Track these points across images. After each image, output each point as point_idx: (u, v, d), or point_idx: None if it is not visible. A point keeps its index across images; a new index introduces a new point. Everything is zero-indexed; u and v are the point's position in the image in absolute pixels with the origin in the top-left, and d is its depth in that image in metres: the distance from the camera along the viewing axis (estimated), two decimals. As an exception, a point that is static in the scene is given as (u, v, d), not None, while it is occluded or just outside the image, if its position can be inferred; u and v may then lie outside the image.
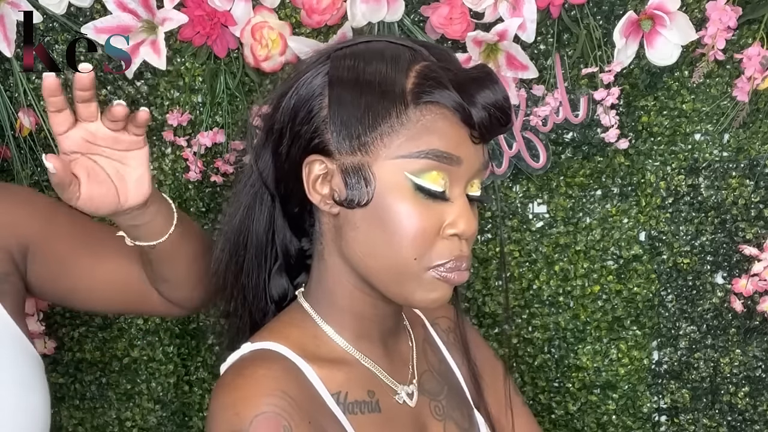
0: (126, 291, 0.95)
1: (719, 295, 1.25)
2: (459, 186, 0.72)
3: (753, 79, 1.11)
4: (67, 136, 0.75)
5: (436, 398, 0.83)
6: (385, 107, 0.70)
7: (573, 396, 1.30)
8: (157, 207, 0.83)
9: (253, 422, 0.67)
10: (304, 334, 0.77)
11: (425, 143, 0.70)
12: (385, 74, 0.71)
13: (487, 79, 0.71)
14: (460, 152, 0.71)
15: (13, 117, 1.17)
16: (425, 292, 0.73)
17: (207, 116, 1.17)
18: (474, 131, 0.71)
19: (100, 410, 1.31)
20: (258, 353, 0.74)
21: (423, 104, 0.70)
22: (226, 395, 0.70)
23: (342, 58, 0.73)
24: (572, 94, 1.17)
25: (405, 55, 0.73)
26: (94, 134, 0.75)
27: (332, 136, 0.72)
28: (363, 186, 0.71)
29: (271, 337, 0.76)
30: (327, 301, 0.78)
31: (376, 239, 0.71)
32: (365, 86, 0.71)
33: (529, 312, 1.28)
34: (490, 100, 0.70)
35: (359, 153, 0.71)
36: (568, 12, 1.12)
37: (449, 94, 0.70)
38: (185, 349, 1.29)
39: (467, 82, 0.71)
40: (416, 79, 0.71)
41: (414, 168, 0.70)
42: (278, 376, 0.70)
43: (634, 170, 1.22)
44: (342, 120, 0.71)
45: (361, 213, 0.72)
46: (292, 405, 0.69)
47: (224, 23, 1.11)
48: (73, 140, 0.75)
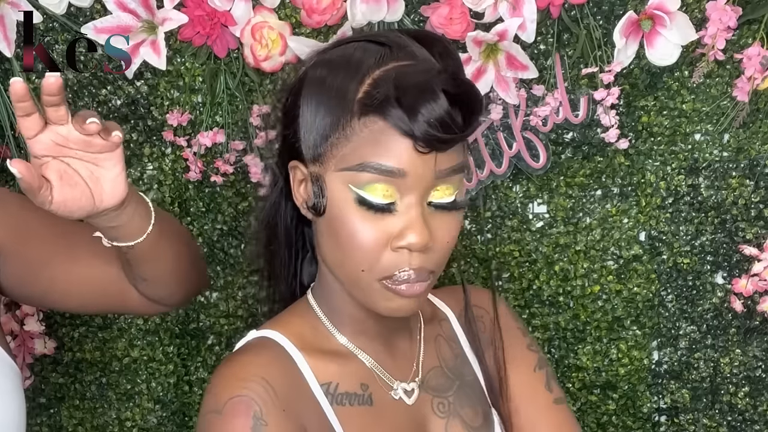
0: (103, 292, 0.93)
1: (719, 295, 1.25)
2: (412, 196, 0.70)
3: (753, 79, 1.11)
4: (38, 139, 0.73)
5: (442, 395, 0.83)
6: (336, 117, 0.70)
7: (573, 396, 1.30)
8: (134, 207, 0.81)
9: (227, 404, 0.70)
10: (304, 325, 0.79)
11: (366, 155, 0.69)
12: (341, 83, 0.71)
13: (430, 92, 0.68)
14: (403, 164, 0.69)
15: (13, 117, 1.17)
16: (384, 302, 0.73)
17: (207, 116, 1.17)
18: (418, 143, 0.69)
19: (100, 410, 1.31)
20: (257, 341, 0.78)
21: (365, 116, 0.69)
22: (213, 379, 0.74)
23: (315, 66, 0.75)
24: (572, 94, 1.17)
25: (370, 60, 0.71)
26: (66, 137, 0.73)
27: (301, 144, 0.73)
28: (320, 196, 0.72)
29: (274, 326, 0.79)
30: (326, 299, 0.80)
31: (334, 249, 0.73)
32: (324, 95, 0.72)
33: (529, 312, 1.28)
34: (435, 114, 0.67)
35: (317, 163, 0.72)
36: (568, 12, 1.12)
37: (393, 111, 0.68)
38: (185, 349, 1.29)
39: (415, 93, 0.68)
40: (368, 88, 0.70)
41: (357, 181, 0.70)
42: (263, 363, 0.73)
43: (634, 170, 1.22)
44: (305, 128, 0.73)
45: (323, 221, 0.74)
46: (268, 391, 0.71)
47: (224, 23, 1.11)
48: (44, 144, 0.73)
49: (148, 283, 0.91)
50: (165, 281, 0.91)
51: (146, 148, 1.21)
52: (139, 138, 1.21)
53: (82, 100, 1.19)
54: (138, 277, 0.90)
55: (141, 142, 1.21)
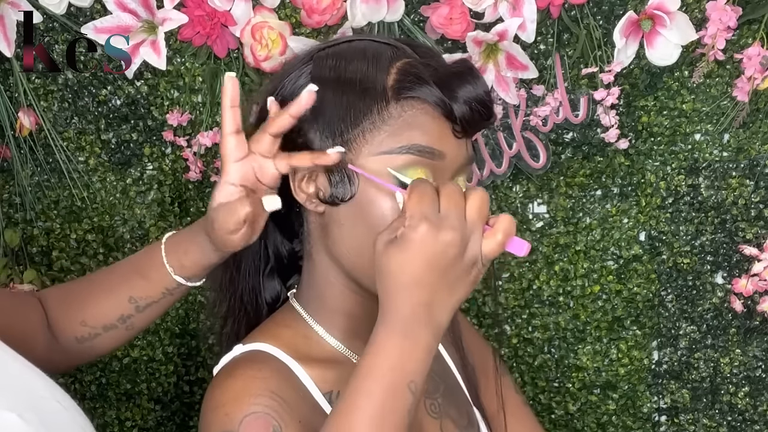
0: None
1: (719, 295, 1.25)
2: (443, 180, 0.71)
3: (753, 79, 1.11)
4: (241, 165, 0.73)
5: (431, 396, 0.83)
6: (366, 104, 0.70)
7: (573, 396, 1.31)
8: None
9: (242, 422, 0.67)
10: (296, 335, 0.77)
11: (407, 138, 0.70)
12: (366, 72, 0.71)
13: (468, 74, 0.71)
14: (443, 147, 0.71)
15: (13, 117, 1.17)
16: None
17: (207, 116, 1.17)
18: (456, 125, 0.71)
19: (100, 410, 1.31)
20: (249, 355, 0.75)
21: (404, 100, 0.70)
22: (216, 396, 0.70)
23: (324, 58, 0.74)
24: (572, 94, 1.17)
25: (386, 53, 0.73)
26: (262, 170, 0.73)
27: (316, 135, 0.72)
28: (346, 182, 0.71)
29: (262, 338, 0.76)
30: (317, 301, 0.79)
31: (361, 235, 0.72)
32: (346, 85, 0.71)
33: (529, 312, 1.28)
34: (472, 95, 0.71)
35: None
36: (568, 12, 1.12)
37: (430, 90, 0.70)
38: (185, 349, 1.29)
39: (448, 78, 0.71)
40: (397, 76, 0.71)
41: (396, 163, 0.70)
42: (268, 377, 0.71)
43: (634, 170, 1.22)
44: (325, 119, 0.72)
45: (345, 209, 0.72)
46: (282, 405, 0.69)
47: (224, 23, 1.11)
48: (244, 172, 0.73)
49: (127, 333, 0.88)
50: (135, 333, 0.89)
51: (146, 148, 1.21)
52: (139, 138, 1.21)
53: (82, 100, 1.19)
54: (131, 327, 0.87)
55: (141, 142, 1.21)
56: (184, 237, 0.83)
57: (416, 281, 0.63)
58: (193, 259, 0.82)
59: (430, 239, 0.63)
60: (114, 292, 0.86)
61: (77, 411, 0.74)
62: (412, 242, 0.63)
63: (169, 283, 0.83)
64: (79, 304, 0.87)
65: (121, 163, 1.22)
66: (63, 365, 0.90)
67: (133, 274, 0.85)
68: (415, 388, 0.63)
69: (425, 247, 0.63)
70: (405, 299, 0.63)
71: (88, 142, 1.21)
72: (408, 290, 0.63)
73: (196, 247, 0.81)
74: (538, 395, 1.31)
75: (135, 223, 1.24)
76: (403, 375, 0.62)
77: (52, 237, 1.24)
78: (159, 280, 0.84)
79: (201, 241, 0.80)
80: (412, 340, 0.63)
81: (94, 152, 1.21)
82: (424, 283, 0.63)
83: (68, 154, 1.21)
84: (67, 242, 1.25)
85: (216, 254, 0.80)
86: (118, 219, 1.24)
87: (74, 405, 0.74)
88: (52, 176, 1.22)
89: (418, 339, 0.63)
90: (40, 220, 1.24)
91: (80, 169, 1.22)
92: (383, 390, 0.62)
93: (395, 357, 0.62)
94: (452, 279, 0.64)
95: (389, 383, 0.62)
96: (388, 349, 0.63)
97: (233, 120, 0.73)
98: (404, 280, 0.63)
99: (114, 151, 1.22)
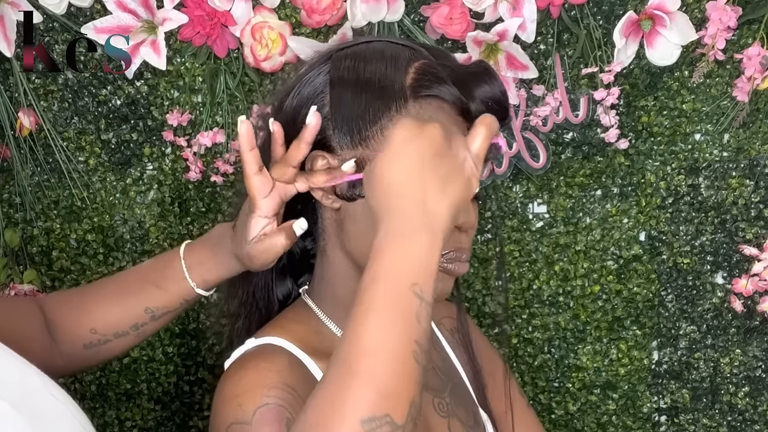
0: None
1: (719, 295, 1.25)
2: None
3: (753, 79, 1.11)
4: (269, 198, 0.76)
5: (440, 395, 0.83)
6: (385, 102, 0.71)
7: (573, 396, 1.30)
8: None
9: (256, 413, 0.67)
10: (307, 330, 0.78)
11: None
12: (385, 72, 0.72)
13: (485, 74, 0.73)
14: None
15: (13, 117, 1.17)
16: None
17: (207, 116, 1.17)
18: (472, 125, 0.71)
19: (100, 410, 1.31)
20: (261, 348, 0.75)
21: (422, 98, 0.71)
22: (229, 388, 0.70)
23: (343, 58, 0.75)
24: (572, 94, 1.17)
25: (404, 54, 0.74)
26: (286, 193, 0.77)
27: (334, 133, 0.73)
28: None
29: (274, 332, 0.77)
30: (330, 297, 0.79)
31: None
32: (365, 84, 0.72)
33: (529, 312, 1.28)
34: (488, 95, 0.72)
35: (360, 147, 0.72)
36: (568, 12, 1.12)
37: (448, 89, 0.71)
38: (185, 349, 1.29)
39: (465, 78, 0.72)
40: (416, 75, 0.72)
41: None
42: (281, 369, 0.71)
43: (634, 170, 1.22)
44: (343, 117, 0.72)
45: (362, 205, 0.72)
46: (295, 397, 0.69)
47: (224, 23, 1.11)
48: (274, 203, 0.77)
49: (137, 339, 0.89)
50: (144, 339, 0.91)
51: (146, 148, 1.21)
52: (139, 138, 1.21)
53: (82, 100, 1.19)
54: (142, 333, 0.89)
55: (141, 142, 1.21)
56: (206, 255, 0.85)
57: (403, 180, 0.61)
58: (218, 275, 0.85)
59: (412, 135, 0.61)
60: (126, 302, 0.87)
61: (73, 406, 0.74)
62: (394, 144, 0.62)
63: (188, 294, 0.86)
64: (87, 311, 0.88)
65: (121, 163, 1.22)
66: (64, 370, 0.90)
67: (147, 285, 0.87)
68: (420, 291, 0.59)
69: (408, 143, 0.61)
70: (394, 200, 0.61)
71: (88, 142, 1.21)
72: (395, 189, 0.61)
73: (223, 267, 0.84)
74: (538, 395, 1.31)
75: (135, 223, 1.24)
76: (403, 277, 0.59)
77: (52, 237, 1.24)
78: (178, 292, 0.86)
79: (228, 262, 0.83)
80: (407, 239, 0.59)
81: (94, 152, 1.21)
82: (413, 181, 0.60)
83: (68, 154, 1.21)
84: (67, 242, 1.25)
85: (241, 269, 0.83)
86: (118, 219, 1.24)
87: (70, 400, 0.74)
88: (52, 176, 1.22)
89: (413, 238, 0.59)
90: (40, 220, 1.24)
91: (80, 169, 1.22)
92: (385, 295, 0.58)
93: (391, 259, 0.59)
94: (443, 174, 0.61)
95: (391, 287, 0.58)
96: (383, 254, 0.59)
97: (254, 161, 0.75)
98: (390, 179, 0.61)
99: (114, 151, 1.22)
